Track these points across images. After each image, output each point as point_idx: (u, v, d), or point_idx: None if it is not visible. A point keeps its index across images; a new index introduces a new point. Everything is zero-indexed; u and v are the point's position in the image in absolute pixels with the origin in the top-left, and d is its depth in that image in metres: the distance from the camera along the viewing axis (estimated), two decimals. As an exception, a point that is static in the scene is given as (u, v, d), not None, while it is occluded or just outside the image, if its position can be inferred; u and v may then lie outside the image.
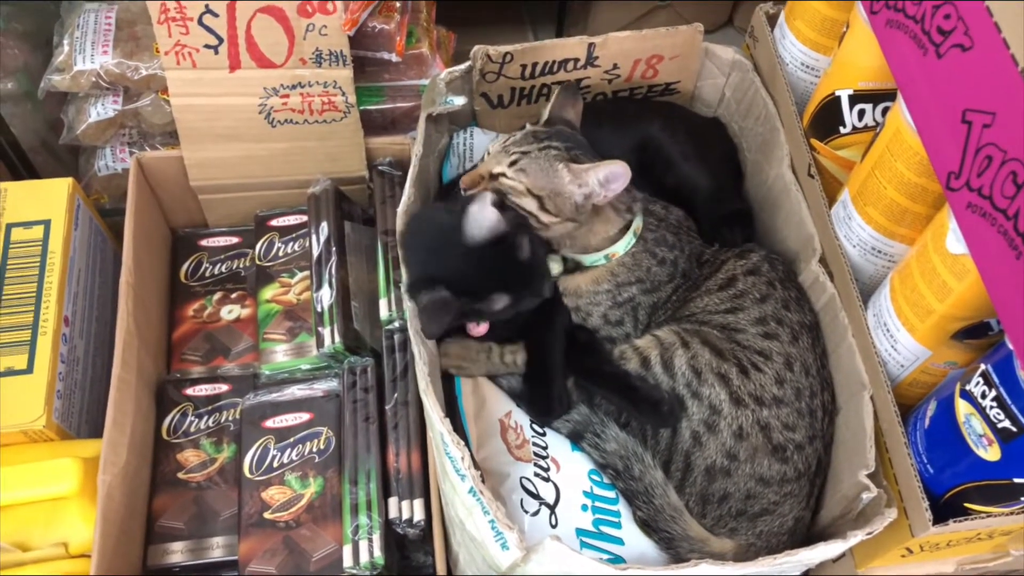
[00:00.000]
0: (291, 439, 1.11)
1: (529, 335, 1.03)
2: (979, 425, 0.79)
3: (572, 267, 1.05)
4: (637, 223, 1.04)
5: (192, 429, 1.15)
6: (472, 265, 0.94)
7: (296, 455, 1.10)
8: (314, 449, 1.11)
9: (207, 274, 1.30)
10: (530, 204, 0.97)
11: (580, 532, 0.92)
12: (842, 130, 1.06)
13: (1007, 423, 0.76)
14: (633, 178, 0.97)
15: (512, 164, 0.97)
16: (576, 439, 1.00)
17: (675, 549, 0.92)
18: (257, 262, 1.28)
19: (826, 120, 1.07)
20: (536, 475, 0.95)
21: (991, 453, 0.79)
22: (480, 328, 1.02)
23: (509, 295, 0.95)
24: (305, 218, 1.28)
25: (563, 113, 1.05)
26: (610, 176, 0.95)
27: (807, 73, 1.16)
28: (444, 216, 0.97)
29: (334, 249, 1.19)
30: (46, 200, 1.17)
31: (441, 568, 1.00)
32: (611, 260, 1.03)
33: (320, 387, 1.15)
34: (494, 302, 0.95)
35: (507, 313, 0.97)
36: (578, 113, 1.06)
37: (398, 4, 1.25)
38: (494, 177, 0.98)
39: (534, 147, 0.98)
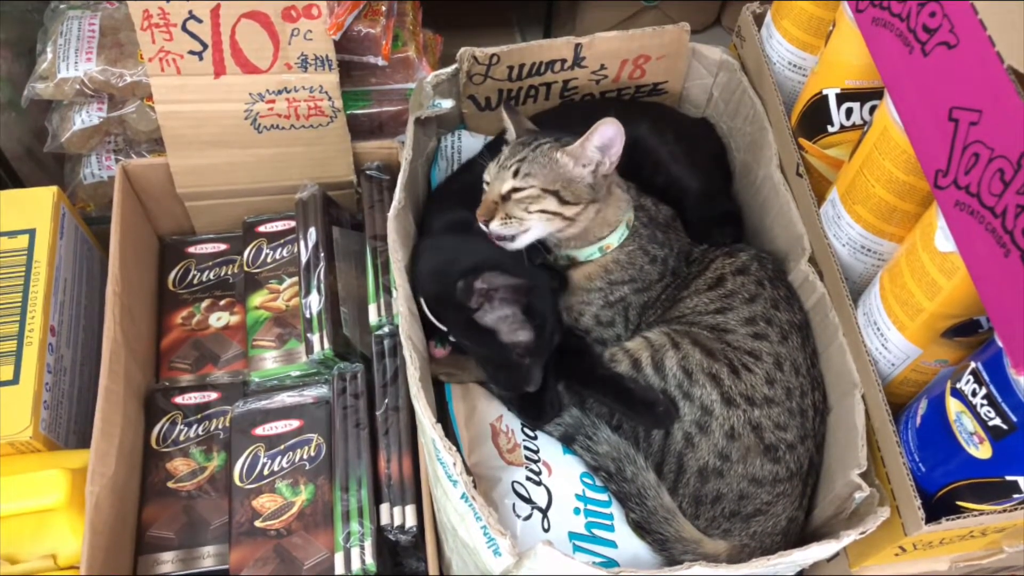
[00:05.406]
0: (281, 446, 1.11)
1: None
2: (970, 423, 0.79)
3: (565, 264, 1.05)
4: (629, 215, 1.04)
5: (181, 438, 1.15)
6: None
7: (286, 462, 1.10)
8: (304, 456, 1.10)
9: (195, 281, 1.29)
10: (551, 204, 0.97)
11: (573, 535, 0.91)
12: (830, 129, 1.06)
13: (998, 421, 0.76)
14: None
15: (516, 174, 0.98)
16: (568, 442, 1.00)
17: (668, 551, 0.92)
18: (245, 269, 1.27)
19: (814, 119, 1.07)
20: (528, 479, 0.94)
21: (982, 451, 0.79)
22: (440, 351, 1.04)
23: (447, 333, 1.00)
24: (293, 224, 1.28)
25: (522, 125, 1.07)
26: (603, 136, 0.96)
27: (794, 72, 1.16)
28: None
29: (322, 255, 1.18)
30: (31, 209, 1.16)
31: (434, 574, 0.99)
32: (606, 253, 1.03)
33: (310, 394, 1.14)
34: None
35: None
36: (524, 117, 1.10)
37: (384, 8, 1.25)
38: (506, 197, 0.98)
39: (527, 151, 0.99)
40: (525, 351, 0.96)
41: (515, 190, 0.97)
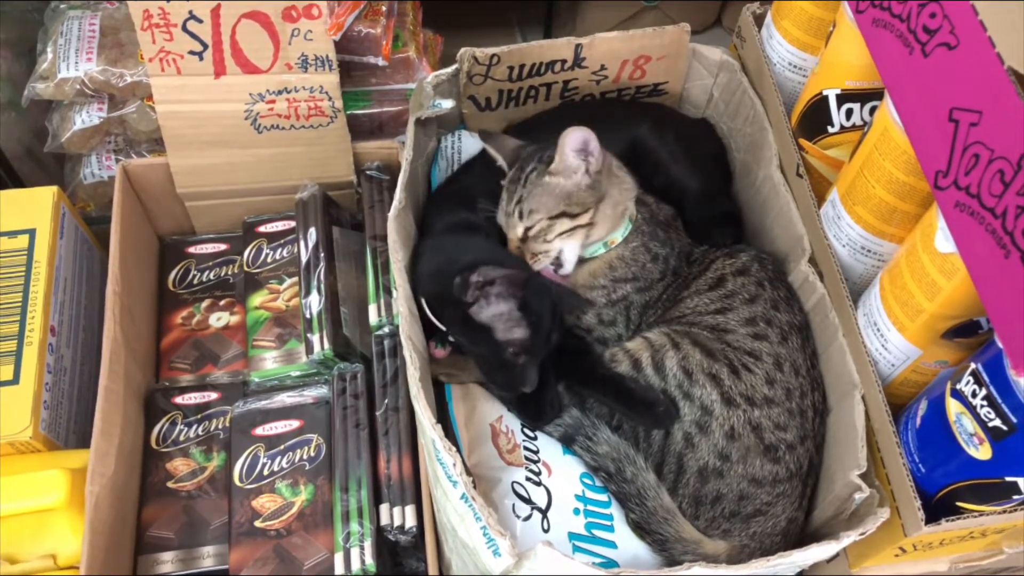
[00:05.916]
0: (281, 447, 1.10)
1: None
2: (970, 424, 0.79)
3: None
4: (632, 210, 1.04)
5: (181, 438, 1.15)
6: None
7: (286, 463, 1.10)
8: (304, 456, 1.10)
9: (195, 281, 1.29)
10: (564, 224, 1.00)
11: (572, 536, 0.91)
12: (830, 129, 1.06)
13: (998, 422, 0.76)
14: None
15: (521, 216, 1.01)
16: (568, 442, 1.00)
17: (668, 551, 0.92)
18: (245, 269, 1.27)
19: (814, 120, 1.07)
20: (528, 479, 0.94)
21: (982, 452, 0.79)
22: (440, 352, 1.04)
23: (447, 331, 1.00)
24: (293, 224, 1.28)
25: (507, 148, 1.08)
26: (573, 144, 0.98)
27: (795, 73, 1.16)
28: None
29: (322, 255, 1.18)
30: (31, 209, 1.16)
31: (434, 574, 0.99)
32: (610, 249, 1.04)
33: (310, 394, 1.14)
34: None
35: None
36: (504, 137, 1.11)
37: (384, 8, 1.25)
38: (524, 239, 1.02)
39: (520, 189, 1.02)
40: (520, 349, 0.96)
41: (528, 229, 1.01)
